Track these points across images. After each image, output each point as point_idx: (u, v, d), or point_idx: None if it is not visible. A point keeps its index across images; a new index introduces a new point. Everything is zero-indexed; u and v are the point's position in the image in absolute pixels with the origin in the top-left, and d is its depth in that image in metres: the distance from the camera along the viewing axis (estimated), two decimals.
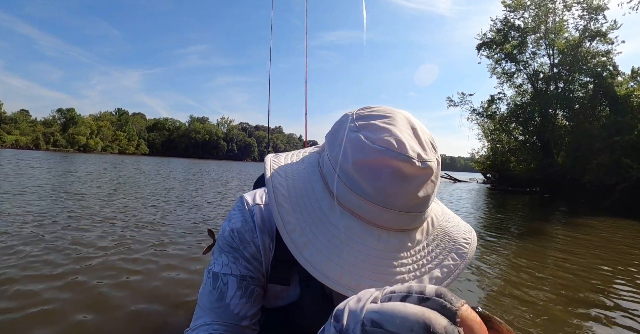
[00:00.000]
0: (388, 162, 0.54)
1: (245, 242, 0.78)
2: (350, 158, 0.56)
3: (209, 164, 50.25)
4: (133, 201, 7.53)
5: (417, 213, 0.58)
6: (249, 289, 0.76)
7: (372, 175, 0.55)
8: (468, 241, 0.67)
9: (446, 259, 0.62)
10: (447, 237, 0.66)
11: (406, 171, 0.54)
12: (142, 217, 5.76)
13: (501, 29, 24.17)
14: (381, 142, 0.55)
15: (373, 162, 0.55)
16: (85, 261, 3.32)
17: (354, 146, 0.57)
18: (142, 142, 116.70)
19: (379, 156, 0.54)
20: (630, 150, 14.56)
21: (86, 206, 6.35)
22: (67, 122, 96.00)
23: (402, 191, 0.55)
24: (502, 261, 4.50)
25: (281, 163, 0.72)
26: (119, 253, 3.68)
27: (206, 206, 7.73)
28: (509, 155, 26.67)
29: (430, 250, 0.62)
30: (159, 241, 4.30)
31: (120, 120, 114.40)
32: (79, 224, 4.90)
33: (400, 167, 0.54)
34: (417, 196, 0.56)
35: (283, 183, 0.65)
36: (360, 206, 0.56)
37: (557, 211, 12.20)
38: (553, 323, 2.65)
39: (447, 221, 0.69)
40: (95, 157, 50.74)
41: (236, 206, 0.83)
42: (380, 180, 0.54)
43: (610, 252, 5.38)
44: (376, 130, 0.57)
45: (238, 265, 0.77)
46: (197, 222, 5.73)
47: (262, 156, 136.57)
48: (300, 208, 0.62)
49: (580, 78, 21.79)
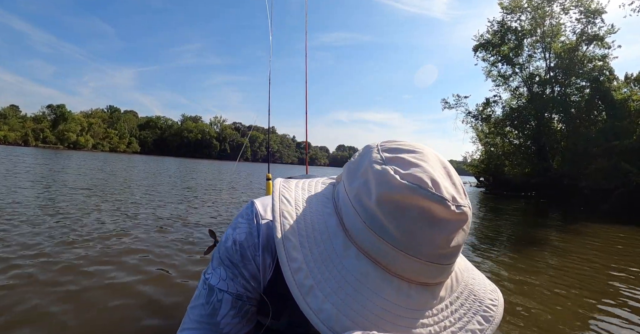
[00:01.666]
0: (420, 202, 0.46)
1: (246, 259, 0.72)
2: (375, 192, 0.49)
3: (202, 164, 49.77)
4: (118, 206, 7.05)
5: (444, 265, 0.50)
6: (244, 310, 0.72)
7: (399, 214, 0.47)
8: (495, 304, 0.57)
9: (471, 322, 0.53)
10: (472, 296, 0.57)
11: (439, 215, 0.47)
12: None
13: (498, 31, 23.97)
14: (412, 178, 0.48)
15: (401, 199, 0.47)
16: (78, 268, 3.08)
17: (380, 179, 0.49)
18: (133, 140, 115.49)
19: (410, 193, 0.47)
20: (629, 155, 14.35)
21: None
22: (57, 118, 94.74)
23: (432, 237, 0.47)
24: (499, 267, 4.35)
25: (292, 189, 0.65)
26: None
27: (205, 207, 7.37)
28: (504, 159, 26.45)
29: (454, 310, 0.53)
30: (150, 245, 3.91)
31: (112, 117, 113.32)
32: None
33: (433, 208, 0.46)
34: (448, 245, 0.48)
35: (292, 213, 0.58)
36: (380, 250, 0.48)
37: (554, 217, 11.95)
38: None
39: (472, 278, 0.60)
40: (85, 154, 50.11)
41: (244, 213, 0.75)
42: (408, 221, 0.47)
43: (614, 260, 5.07)
44: (406, 164, 0.50)
45: (236, 282, 0.72)
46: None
47: (255, 156, 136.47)
48: (310, 245, 0.54)
49: (577, 82, 21.60)
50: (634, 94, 17.17)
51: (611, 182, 14.38)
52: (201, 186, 12.46)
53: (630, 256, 5.52)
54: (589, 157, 17.06)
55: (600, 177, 15.03)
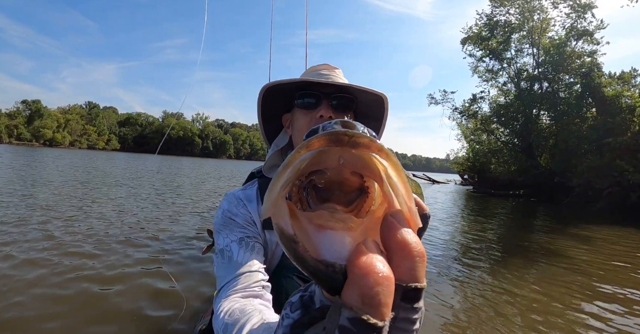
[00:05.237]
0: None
1: (235, 214, 1.00)
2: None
3: (184, 161, 48.49)
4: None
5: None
6: (250, 245, 0.93)
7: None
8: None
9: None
10: None
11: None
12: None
13: (487, 24, 23.40)
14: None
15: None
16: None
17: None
18: (113, 137, 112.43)
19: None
20: (622, 152, 13.80)
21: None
22: (32, 114, 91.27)
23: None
24: (491, 273, 4.17)
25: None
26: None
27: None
28: (490, 157, 25.94)
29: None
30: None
31: (90, 113, 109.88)
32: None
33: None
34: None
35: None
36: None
37: (545, 217, 11.34)
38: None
39: None
40: (61, 151, 48.35)
41: (223, 199, 1.08)
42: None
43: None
44: None
45: (235, 232, 0.96)
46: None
47: (238, 153, 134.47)
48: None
49: (566, 78, 21.14)
50: (625, 90, 16.72)
51: (604, 181, 13.84)
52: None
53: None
54: (580, 155, 16.58)
55: (593, 176, 14.48)
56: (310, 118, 1.04)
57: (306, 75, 1.14)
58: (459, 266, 4.48)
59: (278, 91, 1.07)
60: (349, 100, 1.07)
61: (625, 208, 12.85)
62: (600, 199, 13.77)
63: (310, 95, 1.05)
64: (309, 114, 1.05)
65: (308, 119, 1.05)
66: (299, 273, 1.02)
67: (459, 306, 3.18)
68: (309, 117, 1.05)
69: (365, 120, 1.16)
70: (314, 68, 1.16)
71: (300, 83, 1.06)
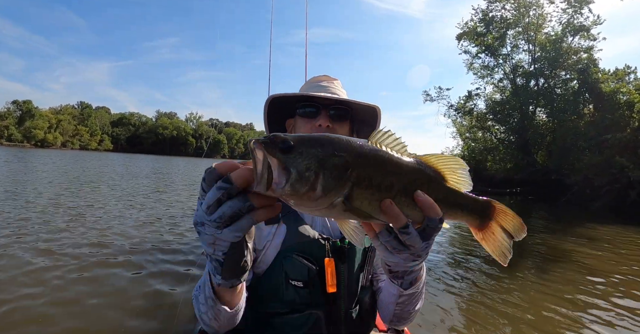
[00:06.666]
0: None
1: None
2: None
3: (179, 160, 48.27)
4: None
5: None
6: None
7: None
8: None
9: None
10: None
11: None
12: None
13: (482, 19, 23.12)
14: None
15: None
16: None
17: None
18: (105, 138, 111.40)
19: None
20: (622, 149, 13.56)
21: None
22: (23, 114, 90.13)
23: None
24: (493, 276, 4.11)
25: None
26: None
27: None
28: (486, 154, 25.71)
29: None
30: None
31: (82, 114, 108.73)
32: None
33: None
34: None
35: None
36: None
37: (545, 216, 11.10)
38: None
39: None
40: (52, 152, 47.85)
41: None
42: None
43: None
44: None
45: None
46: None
47: (232, 153, 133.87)
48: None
49: (562, 74, 20.93)
50: (622, 86, 16.50)
51: (603, 178, 13.58)
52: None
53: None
54: (578, 151, 16.35)
55: (592, 173, 14.23)
56: (311, 126, 1.19)
57: (307, 85, 1.34)
58: (456, 267, 4.44)
59: (282, 99, 1.22)
60: (345, 111, 1.22)
61: (625, 206, 12.61)
62: (598, 197, 13.51)
63: (311, 106, 1.20)
64: (310, 122, 1.20)
65: (309, 127, 1.19)
66: (298, 252, 1.06)
67: (459, 306, 3.20)
68: (310, 125, 1.19)
69: (362, 125, 1.34)
70: (314, 79, 1.36)
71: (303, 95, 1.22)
